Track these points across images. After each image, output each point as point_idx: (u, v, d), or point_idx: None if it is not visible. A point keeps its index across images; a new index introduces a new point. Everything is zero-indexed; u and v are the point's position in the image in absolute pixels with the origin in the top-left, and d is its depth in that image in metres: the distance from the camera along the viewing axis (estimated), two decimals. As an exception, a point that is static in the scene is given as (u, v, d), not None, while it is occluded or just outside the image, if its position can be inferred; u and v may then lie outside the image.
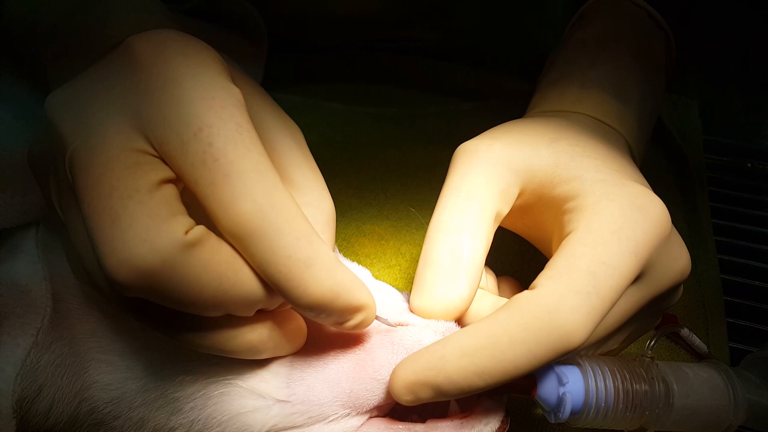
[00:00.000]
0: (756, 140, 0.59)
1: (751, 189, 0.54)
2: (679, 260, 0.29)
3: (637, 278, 0.27)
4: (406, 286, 0.32)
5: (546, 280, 0.25)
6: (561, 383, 0.27)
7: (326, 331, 0.28)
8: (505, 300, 0.28)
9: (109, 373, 0.28)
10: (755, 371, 0.32)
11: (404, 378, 0.24)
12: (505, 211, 0.31)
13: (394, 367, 0.25)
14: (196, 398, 0.27)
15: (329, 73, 0.62)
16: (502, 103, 0.59)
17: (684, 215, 0.48)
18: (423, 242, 0.30)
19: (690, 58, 0.67)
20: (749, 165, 0.56)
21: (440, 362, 0.24)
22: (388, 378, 0.26)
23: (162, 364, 0.28)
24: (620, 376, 0.28)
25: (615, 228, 0.26)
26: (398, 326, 0.28)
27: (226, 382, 0.27)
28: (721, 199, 0.53)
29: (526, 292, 0.26)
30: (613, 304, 0.25)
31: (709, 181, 0.53)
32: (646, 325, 0.31)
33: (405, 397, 0.25)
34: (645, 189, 0.28)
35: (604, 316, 0.25)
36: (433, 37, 0.60)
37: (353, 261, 0.35)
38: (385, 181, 0.50)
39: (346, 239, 0.46)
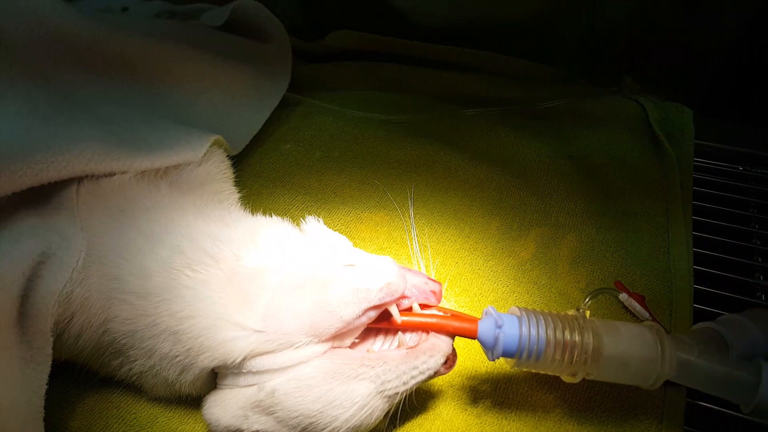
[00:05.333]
0: (752, 146, 0.60)
1: (739, 190, 0.56)
2: None
3: None
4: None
5: None
6: (497, 326, 0.32)
7: (299, 275, 0.33)
8: None
9: (126, 311, 0.35)
10: (690, 338, 0.35)
11: None
12: None
13: (343, 300, 0.31)
14: (193, 330, 0.33)
15: (345, 83, 0.69)
16: (502, 111, 0.64)
17: (663, 209, 0.51)
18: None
19: (686, 65, 0.70)
20: (740, 169, 0.58)
21: None
22: (339, 310, 0.31)
23: (167, 304, 0.34)
24: (554, 324, 0.32)
25: None
26: (348, 267, 0.33)
27: (216, 316, 0.33)
28: (708, 199, 0.55)
29: None
30: None
31: (699, 182, 0.56)
32: None
33: None
34: None
35: None
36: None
37: (351, 241, 0.40)
38: (385, 177, 0.56)
39: (345, 224, 0.52)
